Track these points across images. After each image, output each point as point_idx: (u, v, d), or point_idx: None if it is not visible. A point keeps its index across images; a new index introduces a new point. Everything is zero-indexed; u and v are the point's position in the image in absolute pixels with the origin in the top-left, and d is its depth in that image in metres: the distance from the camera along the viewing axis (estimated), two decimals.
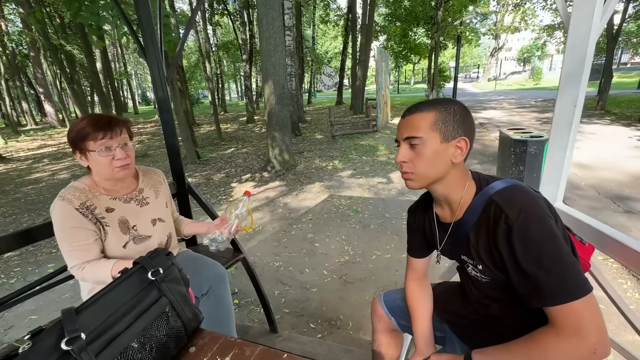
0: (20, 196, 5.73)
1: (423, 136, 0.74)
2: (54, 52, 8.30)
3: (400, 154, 0.78)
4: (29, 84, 20.39)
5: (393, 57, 18.82)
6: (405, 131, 0.77)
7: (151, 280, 0.64)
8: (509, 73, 36.64)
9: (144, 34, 1.48)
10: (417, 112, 0.75)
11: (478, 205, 0.75)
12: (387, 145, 7.64)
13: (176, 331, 0.65)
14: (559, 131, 1.08)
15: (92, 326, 0.52)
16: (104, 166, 1.05)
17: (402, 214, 3.72)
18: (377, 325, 1.12)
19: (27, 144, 11.99)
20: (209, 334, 0.72)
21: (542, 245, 0.62)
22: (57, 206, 1.03)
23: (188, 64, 30.18)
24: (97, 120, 1.03)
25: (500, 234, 0.67)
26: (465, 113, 0.75)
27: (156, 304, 0.63)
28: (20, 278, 3.04)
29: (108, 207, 1.11)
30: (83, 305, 0.56)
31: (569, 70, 1.03)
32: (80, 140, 1.02)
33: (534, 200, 0.67)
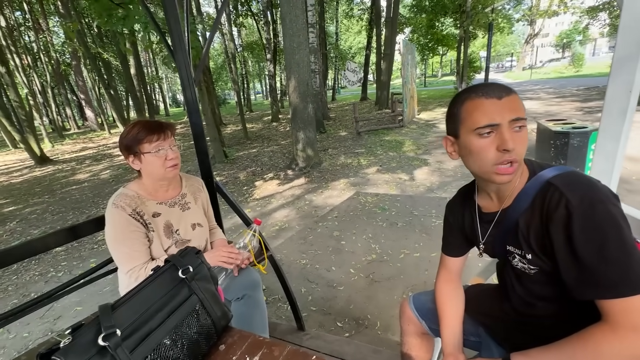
0: (65, 196, 6.19)
1: (526, 117, 0.69)
2: (93, 60, 8.86)
3: (509, 140, 0.65)
4: (72, 90, 21.97)
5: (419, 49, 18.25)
6: (511, 112, 0.66)
7: (182, 278, 0.65)
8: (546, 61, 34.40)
9: (173, 37, 1.52)
10: (512, 93, 0.68)
11: (532, 190, 0.69)
12: (414, 140, 7.44)
13: (207, 329, 0.65)
14: (611, 120, 0.98)
15: (127, 322, 0.54)
16: (157, 167, 1.13)
17: (432, 212, 3.60)
18: (406, 328, 1.08)
19: (71, 147, 12.92)
20: (238, 332, 0.72)
21: (607, 234, 0.56)
22: (111, 213, 1.10)
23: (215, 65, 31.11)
24: (149, 124, 1.13)
25: (559, 219, 0.61)
26: None
27: (187, 302, 0.64)
28: (67, 272, 3.28)
29: (155, 212, 1.18)
30: (118, 301, 0.58)
31: (622, 53, 0.92)
32: (135, 144, 1.10)
33: (598, 186, 0.62)
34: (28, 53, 16.20)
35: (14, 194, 6.66)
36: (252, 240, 1.30)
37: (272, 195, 4.90)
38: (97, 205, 5.35)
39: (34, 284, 3.12)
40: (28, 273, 3.34)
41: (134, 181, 1.21)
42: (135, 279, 1.11)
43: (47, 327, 2.44)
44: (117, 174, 7.49)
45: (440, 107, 12.51)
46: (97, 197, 5.81)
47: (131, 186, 1.19)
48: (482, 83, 0.72)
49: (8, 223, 4.93)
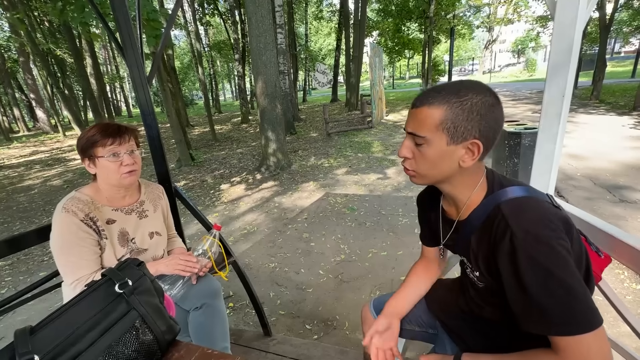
0: (11, 204, 5.66)
1: (427, 136, 0.65)
2: (42, 57, 8.19)
3: (403, 148, 0.71)
4: (20, 89, 20.18)
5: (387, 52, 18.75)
6: (410, 125, 0.69)
7: (119, 293, 0.61)
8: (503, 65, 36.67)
9: (122, 33, 1.43)
10: (426, 104, 0.65)
11: (484, 210, 0.68)
12: (382, 141, 7.61)
13: (147, 346, 0.61)
14: (548, 122, 1.05)
15: (48, 347, 0.49)
16: (112, 172, 1.06)
17: (398, 211, 3.70)
18: (367, 332, 1.09)
19: (19, 151, 11.86)
20: (185, 345, 0.69)
21: (552, 273, 0.55)
22: (60, 218, 1.01)
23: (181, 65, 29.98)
24: (106, 127, 1.06)
25: (504, 250, 0.60)
26: (488, 107, 0.63)
27: (124, 318, 0.59)
28: (12, 287, 2.99)
29: (109, 218, 1.11)
30: (40, 324, 0.52)
31: (556, 60, 1.00)
32: (89, 147, 1.04)
33: (548, 218, 0.59)
34: None
35: None
36: (211, 246, 1.26)
37: (240, 198, 4.80)
38: (48, 214, 4.95)
39: None
40: None
41: (89, 185, 1.13)
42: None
43: None
44: (71, 179, 6.97)
45: (407, 109, 12.87)
46: (48, 205, 5.37)
47: (85, 190, 1.11)
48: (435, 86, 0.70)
49: None
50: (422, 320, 1.01)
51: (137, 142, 1.14)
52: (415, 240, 2.99)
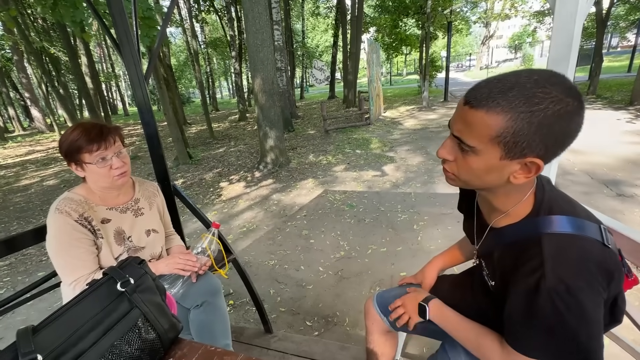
0: (8, 204, 5.62)
1: (476, 146, 0.55)
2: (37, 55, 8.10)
3: (444, 149, 0.61)
4: (15, 88, 19.98)
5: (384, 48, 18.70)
6: (457, 125, 0.57)
7: (121, 291, 0.61)
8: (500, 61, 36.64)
9: (118, 30, 1.41)
10: (484, 108, 0.52)
11: (521, 232, 0.61)
12: (380, 138, 7.61)
13: (150, 344, 0.61)
14: None
15: (51, 346, 0.48)
16: (102, 176, 1.04)
17: (397, 207, 3.70)
18: (371, 328, 1.09)
19: (15, 151, 11.77)
20: (188, 343, 0.69)
21: (573, 332, 0.53)
22: (55, 219, 1.00)
23: (177, 62, 29.77)
24: (89, 130, 1.01)
25: (526, 284, 0.56)
26: (564, 118, 0.49)
27: (127, 317, 0.59)
28: (10, 288, 2.98)
29: (104, 218, 1.10)
30: (42, 323, 0.52)
31: (556, 55, 1.00)
32: (74, 153, 1.00)
33: (588, 268, 0.53)
34: None
35: None
36: (211, 244, 1.25)
37: (239, 196, 4.79)
38: (45, 213, 4.88)
39: None
40: None
41: (81, 185, 1.11)
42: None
43: None
44: (68, 178, 6.93)
45: (405, 105, 12.91)
46: (45, 205, 5.34)
47: (78, 190, 1.09)
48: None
49: None
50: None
51: (122, 141, 1.10)
52: (414, 237, 3.00)
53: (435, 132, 7.66)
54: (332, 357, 1.56)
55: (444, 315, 0.83)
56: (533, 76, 0.51)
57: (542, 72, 0.51)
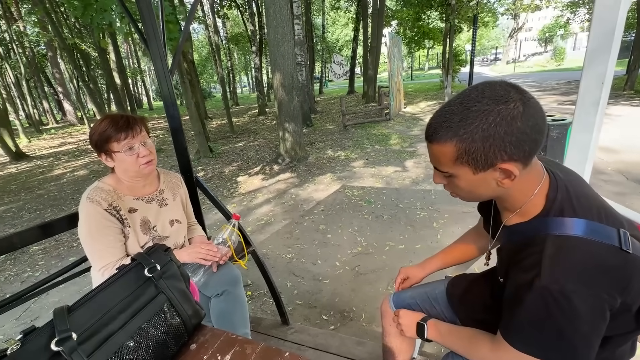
0: (43, 192, 5.97)
1: (448, 171, 0.61)
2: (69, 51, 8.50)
3: (435, 177, 0.67)
4: (49, 83, 21.05)
5: (405, 42, 18.29)
6: (430, 158, 0.65)
7: (148, 277, 0.63)
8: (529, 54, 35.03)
9: (146, 27, 1.45)
10: (435, 141, 0.59)
11: (530, 230, 0.62)
12: (400, 133, 7.48)
13: (175, 328, 0.63)
14: (584, 112, 0.99)
15: (84, 325, 0.51)
16: (130, 164, 1.08)
17: (416, 204, 3.64)
18: (387, 328, 1.08)
19: (49, 142, 12.44)
20: (210, 330, 0.70)
21: (560, 330, 0.54)
22: (86, 208, 1.05)
23: (199, 58, 30.37)
24: (116, 121, 1.05)
25: (520, 280, 0.58)
26: (509, 123, 0.52)
27: (153, 301, 0.61)
28: (45, 271, 3.17)
29: (131, 207, 1.14)
30: (76, 303, 0.55)
31: (595, 45, 0.93)
32: (104, 143, 1.05)
33: (589, 272, 0.53)
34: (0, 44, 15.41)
35: None
36: (231, 235, 1.28)
37: (258, 189, 4.86)
38: (76, 202, 5.18)
39: (10, 285, 3.01)
40: (3, 273, 3.22)
41: (110, 175, 1.16)
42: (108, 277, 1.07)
43: (23, 328, 2.35)
44: (96, 169, 7.26)
45: (426, 101, 12.61)
46: (76, 194, 5.63)
47: (107, 180, 1.14)
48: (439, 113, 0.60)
49: None
50: (445, 316, 1.00)
51: (147, 131, 1.14)
52: (433, 234, 2.95)
53: None
54: (348, 352, 1.56)
55: (440, 330, 0.84)
56: (464, 99, 0.56)
57: (473, 90, 0.56)
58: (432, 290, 1.04)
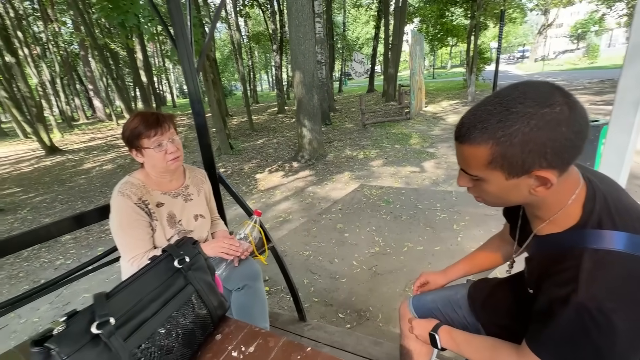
0: (74, 185, 6.29)
1: (478, 175, 0.57)
2: (100, 50, 8.91)
3: (460, 179, 0.63)
4: (80, 81, 22.10)
5: (428, 40, 17.90)
6: (458, 160, 0.61)
7: (178, 268, 0.65)
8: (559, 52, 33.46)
9: (175, 26, 1.50)
10: (467, 142, 0.55)
11: (565, 242, 0.59)
12: (420, 133, 7.35)
13: (202, 318, 0.66)
14: (622, 112, 0.94)
15: (121, 311, 0.54)
16: (159, 160, 1.12)
17: (436, 205, 3.57)
18: (405, 330, 1.06)
19: (79, 137, 13.08)
20: (234, 322, 0.72)
21: (599, 350, 0.52)
22: (117, 201, 1.10)
23: (221, 56, 30.95)
24: (147, 118, 1.10)
25: (554, 294, 0.55)
26: (553, 128, 0.48)
27: (182, 292, 0.64)
28: (76, 259, 3.35)
29: (159, 202, 1.18)
30: (113, 290, 0.58)
31: (637, 40, 0.88)
32: (135, 139, 1.10)
33: (627, 289, 0.51)
34: (37, 43, 16.31)
35: (25, 183, 6.79)
36: (252, 231, 1.30)
37: (276, 187, 4.91)
38: (104, 195, 5.43)
39: (44, 271, 3.20)
40: (38, 260, 3.42)
41: (139, 170, 1.21)
42: (137, 267, 1.12)
43: (56, 312, 2.51)
44: (123, 164, 7.57)
45: (448, 100, 12.32)
46: (104, 187, 5.89)
47: (136, 175, 1.19)
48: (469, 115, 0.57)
49: (19, 211, 5.04)
50: (467, 321, 0.97)
51: (175, 129, 1.18)
52: (453, 237, 2.88)
53: None
54: (365, 351, 1.56)
55: (455, 340, 0.82)
56: (504, 98, 0.52)
57: (514, 90, 0.52)
58: (454, 295, 1.02)
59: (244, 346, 0.65)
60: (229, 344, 0.66)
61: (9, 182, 7.04)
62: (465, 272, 1.02)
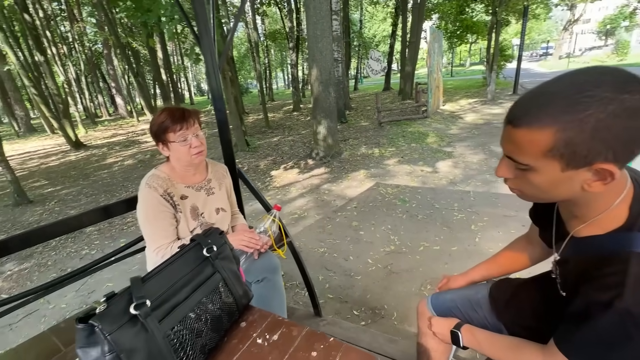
0: (97, 179, 6.53)
1: (530, 164, 0.52)
2: (123, 49, 9.20)
3: (501, 168, 0.58)
4: (103, 79, 22.87)
5: (447, 37, 17.53)
6: (506, 146, 0.55)
7: (206, 256, 0.68)
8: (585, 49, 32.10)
9: (199, 23, 1.54)
10: (525, 125, 0.49)
11: (609, 245, 0.55)
12: (437, 132, 7.24)
13: (229, 306, 0.68)
14: None
15: (155, 294, 0.57)
16: (183, 154, 1.16)
17: (454, 205, 3.52)
18: (423, 328, 1.05)
19: (102, 133, 13.56)
20: (258, 311, 0.75)
21: (637, 351, 0.50)
22: (144, 193, 1.15)
23: (238, 54, 31.32)
24: (173, 113, 1.15)
25: (595, 297, 0.53)
26: (628, 116, 0.44)
27: (210, 279, 0.66)
28: (99, 250, 3.49)
29: (183, 194, 1.23)
30: (148, 275, 0.61)
31: None
32: (161, 133, 1.15)
33: None
34: (64, 43, 16.98)
35: (52, 177, 7.11)
36: (272, 225, 1.33)
37: (291, 183, 4.95)
38: (126, 189, 5.62)
39: (71, 260, 3.35)
40: (65, 250, 3.58)
41: (165, 164, 1.25)
42: (162, 257, 1.16)
43: (82, 299, 2.63)
44: (143, 159, 7.80)
45: (466, 98, 12.05)
46: (126, 181, 6.10)
47: (162, 168, 1.23)
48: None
49: (47, 203, 5.29)
50: (488, 321, 0.95)
51: (200, 124, 1.23)
52: (471, 237, 2.83)
53: (500, 128, 6.95)
54: (380, 348, 1.57)
55: (477, 338, 0.81)
56: (575, 80, 0.47)
57: (586, 73, 0.47)
58: (474, 294, 1.00)
59: (268, 334, 0.67)
60: (253, 332, 0.69)
61: (37, 175, 7.39)
62: (489, 274, 1.00)
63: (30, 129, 16.85)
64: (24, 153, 10.84)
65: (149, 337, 0.52)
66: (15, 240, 1.23)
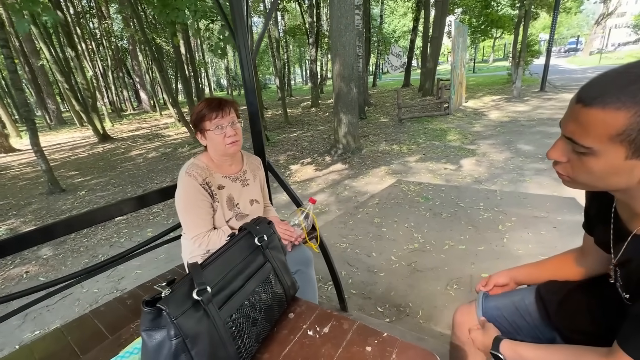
0: (124, 170, 6.76)
1: (593, 147, 0.49)
2: (149, 44, 9.44)
3: (555, 150, 0.56)
4: (128, 74, 23.59)
5: (470, 32, 16.99)
6: (568, 126, 0.52)
7: (257, 245, 0.68)
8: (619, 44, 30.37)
9: (234, 16, 1.55)
10: (599, 105, 0.47)
11: None
12: (460, 129, 7.05)
13: (279, 296, 0.68)
14: None
15: (213, 281, 0.57)
16: (218, 143, 1.17)
17: (479, 204, 3.42)
18: (464, 339, 0.97)
19: (127, 127, 14.01)
20: (305, 302, 0.74)
21: None
22: (184, 181, 1.17)
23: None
24: (210, 102, 1.17)
25: None
26: None
27: (262, 269, 0.67)
28: (128, 238, 3.61)
29: (220, 184, 1.24)
30: (204, 262, 0.61)
31: None
32: (199, 122, 1.17)
33: None
34: (92, 39, 17.60)
35: (82, 167, 7.41)
36: (306, 218, 1.33)
37: (311, 179, 4.96)
38: (151, 180, 5.79)
39: (101, 247, 3.48)
40: (96, 237, 3.73)
41: (203, 153, 1.27)
42: (199, 245, 1.19)
43: (112, 285, 2.73)
44: (167, 152, 8.01)
45: (490, 95, 11.67)
46: (150, 173, 6.28)
47: (201, 158, 1.25)
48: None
49: (78, 192, 5.52)
50: (539, 330, 0.89)
51: (237, 114, 1.23)
52: (498, 237, 2.75)
53: (527, 125, 6.77)
54: None
55: (522, 355, 0.74)
56: None
57: None
58: (521, 300, 0.92)
59: (319, 326, 0.66)
60: (302, 323, 0.68)
61: (68, 166, 7.73)
62: (534, 278, 0.93)
63: (61, 121, 17.64)
64: (55, 144, 11.36)
65: (211, 324, 0.52)
66: (60, 225, 1.28)
